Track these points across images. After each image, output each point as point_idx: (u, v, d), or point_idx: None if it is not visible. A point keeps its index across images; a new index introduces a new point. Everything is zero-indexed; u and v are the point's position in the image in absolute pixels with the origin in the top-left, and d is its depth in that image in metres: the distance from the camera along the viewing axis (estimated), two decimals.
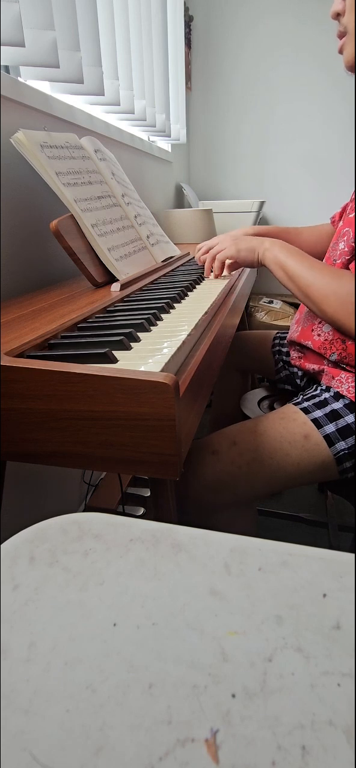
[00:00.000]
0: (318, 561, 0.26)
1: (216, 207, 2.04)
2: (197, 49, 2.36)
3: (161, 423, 0.40)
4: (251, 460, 0.71)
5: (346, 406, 0.72)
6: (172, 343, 0.51)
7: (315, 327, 0.82)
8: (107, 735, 0.18)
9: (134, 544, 0.27)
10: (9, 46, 0.82)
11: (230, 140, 2.45)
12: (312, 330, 0.82)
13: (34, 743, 0.18)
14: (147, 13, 1.54)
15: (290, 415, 0.74)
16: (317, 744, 0.17)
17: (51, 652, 0.21)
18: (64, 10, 0.97)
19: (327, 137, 2.30)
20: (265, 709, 0.18)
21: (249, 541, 0.27)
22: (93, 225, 0.86)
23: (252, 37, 2.27)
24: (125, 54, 1.37)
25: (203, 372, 0.51)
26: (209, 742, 0.17)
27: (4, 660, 0.21)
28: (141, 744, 0.17)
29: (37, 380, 0.42)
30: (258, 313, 2.16)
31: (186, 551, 0.27)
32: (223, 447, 0.73)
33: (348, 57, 0.71)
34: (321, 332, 0.80)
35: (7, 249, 0.90)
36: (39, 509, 1.06)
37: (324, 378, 0.80)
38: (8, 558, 0.27)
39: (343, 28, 0.70)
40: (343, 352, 0.76)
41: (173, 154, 2.12)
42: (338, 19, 0.71)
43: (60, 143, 0.89)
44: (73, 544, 0.28)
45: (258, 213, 2.11)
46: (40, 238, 0.99)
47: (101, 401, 0.41)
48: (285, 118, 2.34)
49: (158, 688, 0.20)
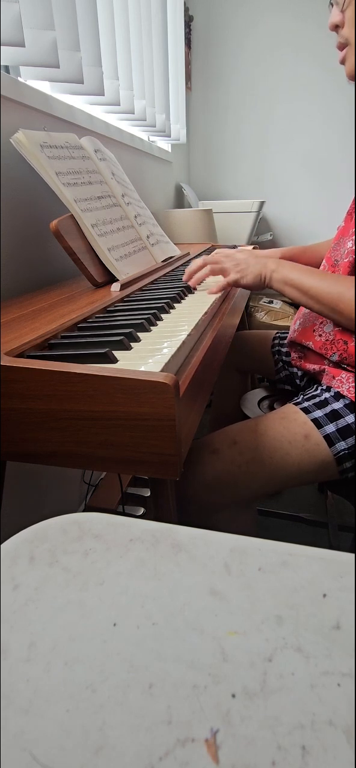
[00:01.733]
0: (318, 561, 0.26)
1: (216, 207, 2.04)
2: (197, 49, 2.36)
3: (161, 423, 0.40)
4: (251, 460, 0.71)
5: (346, 406, 0.72)
6: (172, 343, 0.51)
7: (317, 327, 0.82)
8: (107, 735, 0.18)
9: (134, 544, 0.27)
10: (9, 46, 0.82)
11: (230, 140, 2.45)
12: (314, 330, 0.82)
13: (34, 743, 0.18)
14: (147, 13, 1.54)
15: (290, 414, 0.74)
16: (317, 744, 0.17)
17: (51, 652, 0.21)
18: (64, 10, 0.97)
19: (327, 137, 2.30)
20: (265, 709, 0.18)
21: (249, 541, 0.27)
22: (93, 225, 0.86)
23: (252, 36, 2.27)
24: (125, 54, 1.37)
25: (203, 372, 0.51)
26: (209, 742, 0.17)
27: (4, 660, 0.21)
28: (141, 744, 0.17)
29: (37, 380, 0.42)
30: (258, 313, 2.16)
31: (186, 551, 0.27)
32: (223, 446, 0.73)
33: (351, 68, 0.71)
34: (322, 332, 0.80)
35: (7, 249, 0.90)
36: (39, 509, 1.06)
37: (324, 378, 0.80)
38: (8, 558, 0.27)
39: (344, 40, 0.71)
40: (344, 352, 0.76)
41: (173, 154, 2.12)
42: (336, 30, 0.72)
43: (60, 143, 0.89)
44: (73, 544, 0.28)
45: (258, 213, 2.11)
46: (40, 238, 0.99)
47: (101, 401, 0.41)
48: (285, 118, 2.34)
49: (158, 688, 0.19)
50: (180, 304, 0.74)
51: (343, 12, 0.69)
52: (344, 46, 0.71)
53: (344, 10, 0.69)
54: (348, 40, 0.70)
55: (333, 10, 0.72)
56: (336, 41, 0.73)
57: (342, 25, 0.70)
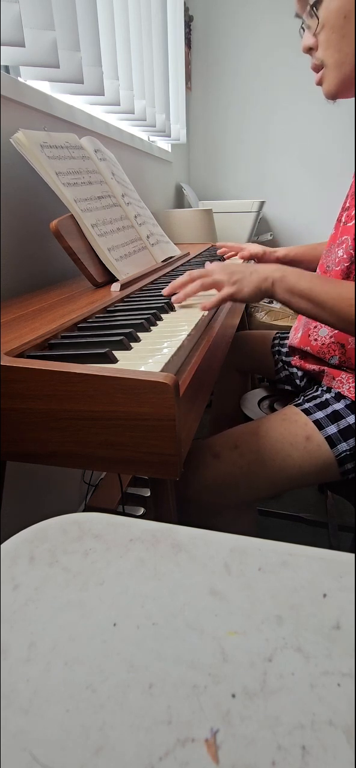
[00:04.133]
0: (318, 561, 0.26)
1: (216, 207, 2.04)
2: (197, 49, 2.36)
3: (161, 423, 0.40)
4: (252, 462, 0.71)
5: (347, 407, 0.72)
6: (172, 343, 0.51)
7: (311, 332, 0.81)
8: (107, 735, 0.18)
9: (134, 544, 0.27)
10: (9, 46, 0.82)
11: (230, 140, 2.45)
12: (309, 335, 0.82)
13: (34, 743, 0.18)
14: (147, 13, 1.54)
15: (291, 416, 0.74)
16: (317, 744, 0.17)
17: (51, 652, 0.21)
18: (64, 10, 0.97)
19: (327, 137, 2.30)
20: (265, 709, 0.18)
21: (249, 541, 0.27)
22: (93, 225, 0.86)
23: (252, 37, 2.27)
24: (125, 54, 1.37)
25: (203, 372, 0.51)
26: (209, 742, 0.17)
27: (4, 660, 0.21)
28: (141, 744, 0.17)
29: (37, 380, 0.42)
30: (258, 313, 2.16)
31: (186, 551, 0.27)
32: (224, 449, 0.73)
33: (328, 88, 0.73)
34: (317, 337, 0.80)
35: (8, 249, 0.90)
36: (39, 509, 1.06)
37: (324, 379, 0.80)
38: (8, 558, 0.27)
39: (319, 62, 0.72)
40: (342, 356, 0.77)
41: (173, 154, 2.12)
42: (310, 53, 0.73)
43: (60, 143, 0.89)
44: (73, 544, 0.28)
45: (258, 213, 2.11)
46: (40, 238, 0.99)
47: (101, 401, 0.41)
48: (285, 118, 2.34)
49: (158, 688, 0.19)
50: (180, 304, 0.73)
51: (316, 35, 0.70)
52: (319, 68, 0.73)
53: (317, 33, 0.70)
54: (324, 62, 0.71)
55: (305, 34, 0.73)
56: (311, 63, 0.74)
57: (315, 48, 0.72)
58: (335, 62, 0.70)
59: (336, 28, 0.68)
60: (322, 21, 0.68)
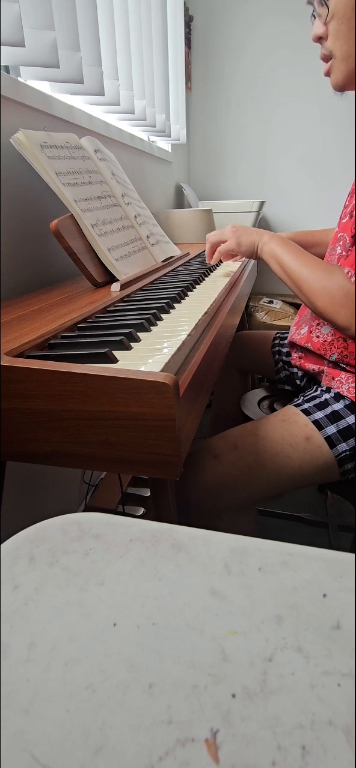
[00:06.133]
0: (318, 561, 0.26)
1: (216, 207, 2.04)
2: (197, 49, 2.36)
3: (161, 423, 0.40)
4: (252, 464, 0.71)
5: (347, 407, 0.72)
6: (172, 343, 0.51)
7: (313, 329, 0.82)
8: (107, 735, 0.18)
9: (134, 544, 0.27)
10: (9, 46, 0.82)
11: (230, 140, 2.45)
12: (311, 332, 0.82)
13: (34, 743, 0.18)
14: (147, 13, 1.54)
15: (291, 417, 0.74)
16: (317, 744, 0.17)
17: (51, 652, 0.21)
18: (64, 10, 0.97)
19: (327, 138, 2.30)
20: (265, 709, 0.18)
21: (249, 541, 0.27)
22: (93, 225, 0.86)
23: (252, 37, 2.27)
24: (125, 54, 1.37)
25: (203, 372, 0.51)
26: (209, 742, 0.17)
27: (4, 660, 0.21)
28: (141, 744, 0.17)
29: (37, 380, 0.42)
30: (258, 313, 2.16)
31: (186, 551, 0.27)
32: (224, 451, 0.72)
33: (336, 79, 0.72)
34: (319, 333, 0.80)
35: (8, 249, 0.90)
36: (39, 509, 1.06)
37: (324, 379, 0.80)
38: (8, 558, 0.27)
39: (328, 52, 0.71)
40: (344, 350, 0.76)
41: (173, 154, 2.12)
42: (320, 42, 0.72)
43: (60, 143, 0.89)
44: (73, 544, 0.28)
45: (258, 213, 2.11)
46: (40, 238, 0.99)
47: (101, 401, 0.41)
48: (284, 119, 2.34)
49: (158, 688, 0.19)
50: (180, 304, 0.74)
51: (326, 24, 0.69)
52: (328, 58, 0.72)
53: (327, 22, 0.69)
54: (333, 53, 0.70)
55: (315, 22, 0.72)
56: (320, 53, 0.73)
57: (325, 37, 0.71)
58: (343, 54, 0.69)
59: (345, 19, 0.67)
60: (332, 11, 0.67)
